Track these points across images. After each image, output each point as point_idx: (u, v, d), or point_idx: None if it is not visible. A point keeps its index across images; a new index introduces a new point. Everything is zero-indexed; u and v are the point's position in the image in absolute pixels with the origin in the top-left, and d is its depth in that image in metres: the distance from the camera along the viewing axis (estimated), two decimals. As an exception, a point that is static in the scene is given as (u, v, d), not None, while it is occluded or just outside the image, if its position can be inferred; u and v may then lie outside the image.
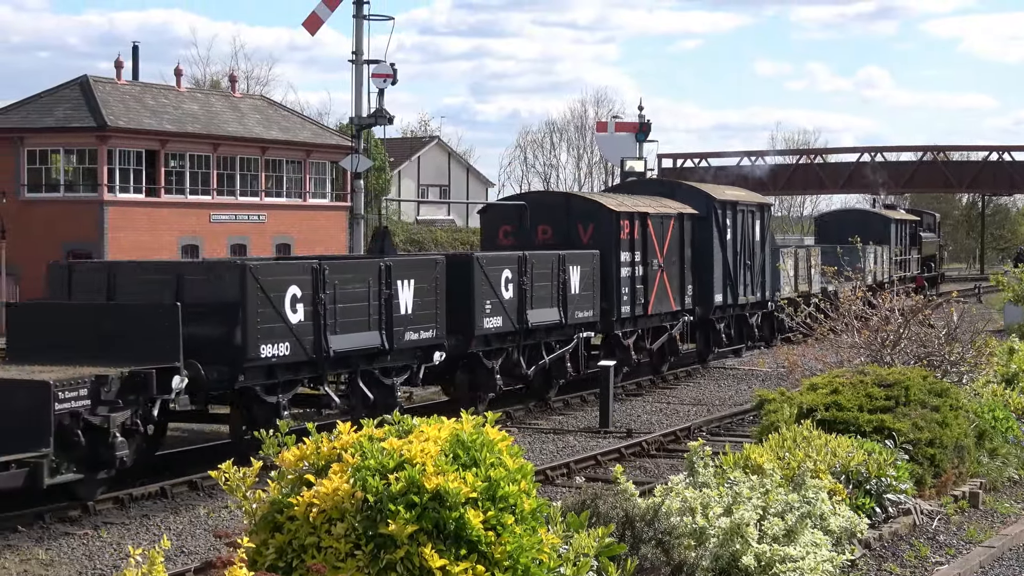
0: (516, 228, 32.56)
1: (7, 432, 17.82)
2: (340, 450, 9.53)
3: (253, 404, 22.01)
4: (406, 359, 25.20)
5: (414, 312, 24.86)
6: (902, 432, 17.46)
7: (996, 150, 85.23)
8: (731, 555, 12.52)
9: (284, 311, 21.95)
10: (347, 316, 23.30)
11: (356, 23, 44.59)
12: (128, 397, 19.34)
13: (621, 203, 33.02)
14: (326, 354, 22.92)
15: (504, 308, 27.64)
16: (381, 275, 24.14)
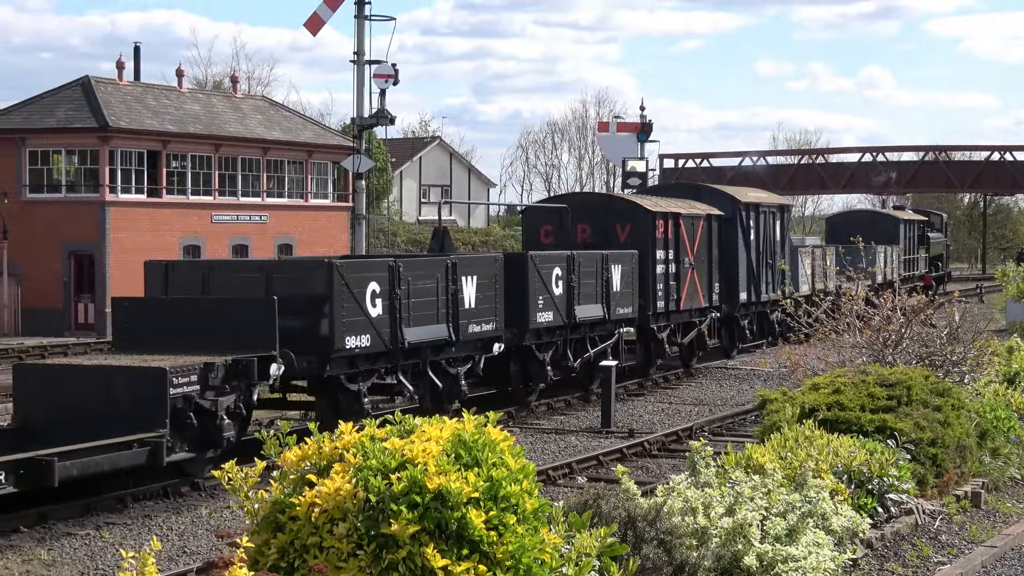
0: (557, 228, 34.20)
1: (129, 414, 19.57)
2: (342, 450, 9.53)
3: (338, 392, 23.62)
4: (469, 350, 26.82)
5: (476, 306, 26.58)
6: (904, 432, 17.46)
7: (998, 150, 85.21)
8: (733, 555, 12.52)
9: (365, 305, 23.63)
10: (419, 310, 25.01)
11: (357, 23, 44.63)
12: (232, 383, 21.08)
13: (656, 204, 34.72)
14: (401, 345, 24.55)
15: (555, 304, 29.16)
16: (448, 272, 25.83)
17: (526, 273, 28.15)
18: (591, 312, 30.44)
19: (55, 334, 49.97)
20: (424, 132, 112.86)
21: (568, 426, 27.44)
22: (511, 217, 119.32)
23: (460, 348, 26.38)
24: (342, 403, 23.48)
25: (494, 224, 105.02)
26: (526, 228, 36.06)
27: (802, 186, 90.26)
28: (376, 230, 70.76)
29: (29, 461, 17.87)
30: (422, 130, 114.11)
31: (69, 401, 20.22)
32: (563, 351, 29.93)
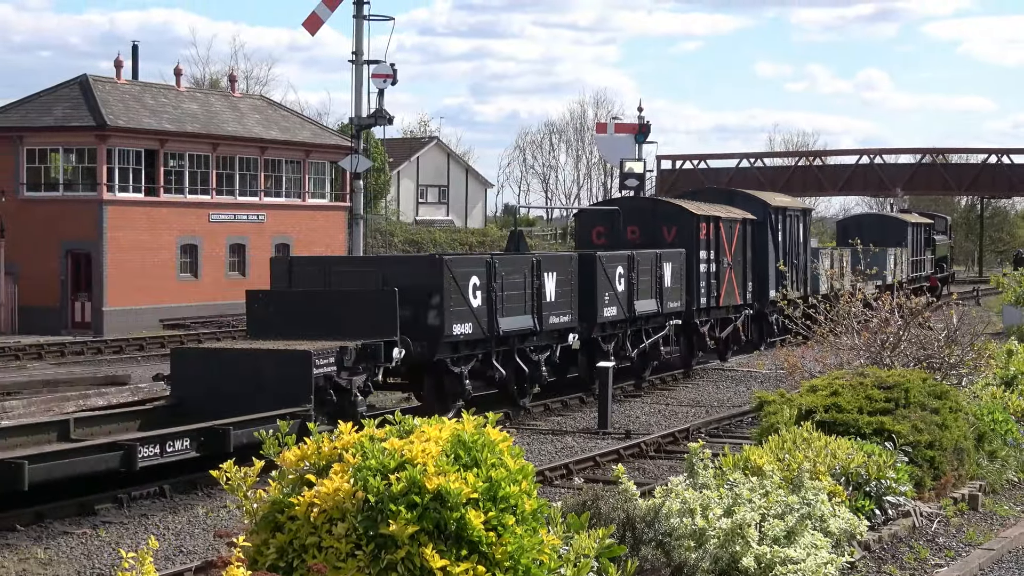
0: (608, 230, 36.62)
1: (277, 392, 22.07)
2: (341, 450, 9.52)
3: (444, 375, 26.44)
4: (549, 340, 29.44)
5: (556, 300, 29.27)
6: (902, 434, 17.46)
7: (995, 152, 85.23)
8: (731, 556, 12.52)
9: (468, 297, 26.44)
10: (510, 302, 27.73)
11: (356, 23, 44.64)
12: (362, 364, 23.77)
13: (699, 208, 37.18)
14: (496, 333, 27.33)
15: (618, 299, 31.73)
16: (533, 268, 28.56)
17: (595, 271, 30.67)
18: (647, 306, 33.00)
19: (52, 333, 49.95)
20: (422, 132, 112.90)
21: (565, 427, 27.43)
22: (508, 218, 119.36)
23: (542, 338, 29.05)
24: (447, 384, 26.48)
25: (491, 224, 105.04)
26: (579, 229, 39.12)
27: (799, 188, 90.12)
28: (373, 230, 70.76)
29: (209, 430, 20.30)
30: (420, 130, 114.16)
31: (221, 381, 22.71)
32: (623, 342, 32.42)
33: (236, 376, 22.66)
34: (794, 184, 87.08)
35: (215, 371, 23.06)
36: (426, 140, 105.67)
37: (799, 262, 42.66)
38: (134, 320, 52.28)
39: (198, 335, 48.86)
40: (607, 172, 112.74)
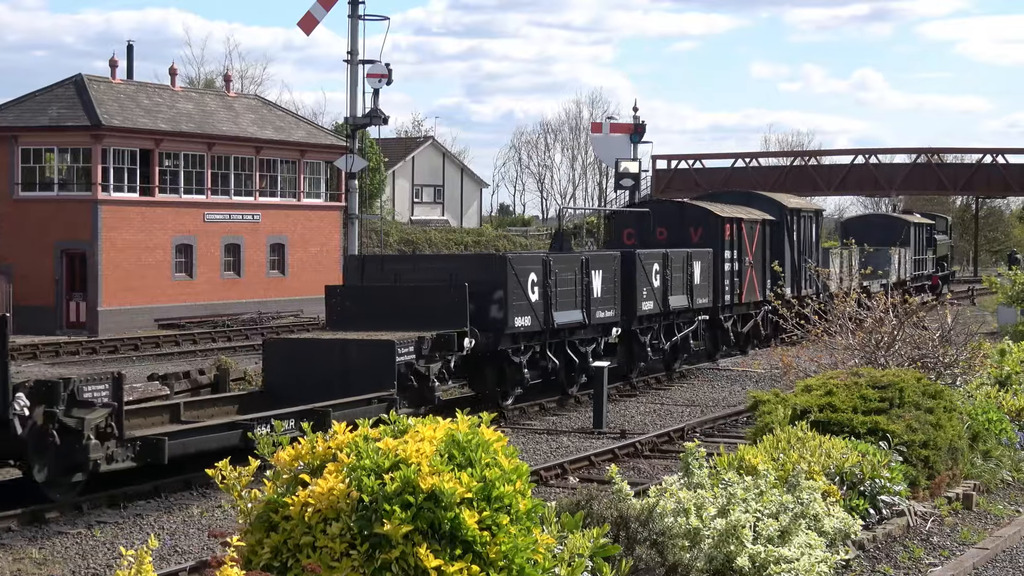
0: (638, 230, 39.29)
1: (363, 378, 24.03)
2: (335, 450, 9.52)
3: (505, 364, 28.53)
4: (595, 332, 31.52)
5: (602, 295, 31.45)
6: (896, 434, 17.48)
7: (990, 152, 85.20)
8: (726, 556, 12.53)
9: (528, 292, 28.56)
10: (563, 297, 29.82)
11: (351, 23, 44.66)
12: (437, 353, 25.91)
13: (723, 210, 39.61)
14: (551, 326, 29.48)
15: (655, 294, 34.12)
16: (582, 266, 30.75)
17: (635, 268, 32.99)
18: (679, 302, 35.41)
19: (47, 332, 49.84)
20: (417, 132, 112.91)
21: (560, 427, 27.44)
22: (504, 218, 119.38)
23: (589, 331, 31.21)
24: (508, 373, 28.61)
25: (487, 224, 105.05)
26: (610, 230, 42.10)
27: (794, 188, 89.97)
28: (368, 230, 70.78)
29: (311, 411, 21.92)
30: (415, 130, 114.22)
31: (309, 369, 24.71)
32: (658, 334, 34.77)
33: (324, 364, 24.75)
34: (789, 184, 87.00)
35: (303, 359, 25.14)
36: (421, 140, 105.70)
37: (812, 260, 44.57)
38: (129, 320, 52.23)
39: (193, 335, 48.84)
40: (602, 172, 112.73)
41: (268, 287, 59.50)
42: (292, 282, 60.65)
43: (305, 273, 60.54)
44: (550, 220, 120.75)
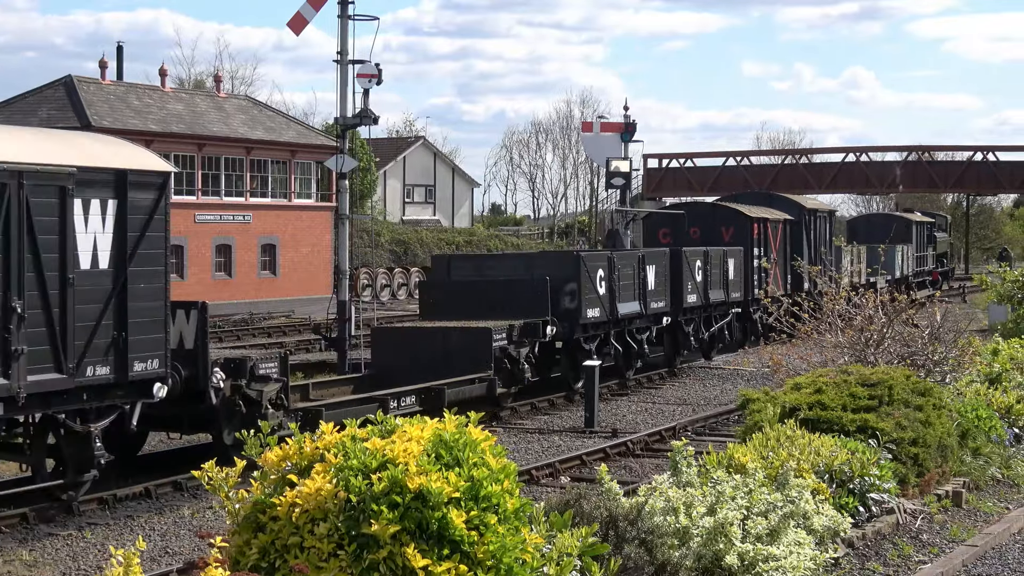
0: (672, 230, 42.90)
1: (463, 362, 27.19)
2: (323, 450, 9.52)
3: (576, 350, 31.11)
4: (649, 322, 34.75)
5: (655, 288, 34.78)
6: (885, 431, 17.50)
7: (981, 150, 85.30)
8: (714, 554, 12.54)
9: (597, 286, 31.68)
10: (624, 291, 33.03)
11: (341, 23, 44.54)
12: (525, 339, 29.05)
13: (751, 211, 43.08)
14: (615, 316, 32.62)
15: (697, 289, 37.24)
16: (639, 262, 34.12)
17: (681, 264, 36.20)
18: (718, 295, 38.45)
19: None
20: (408, 132, 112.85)
21: (552, 426, 27.46)
22: (495, 218, 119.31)
23: (644, 320, 34.42)
24: (579, 359, 30.62)
25: (478, 224, 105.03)
26: (646, 230, 45.01)
27: (785, 186, 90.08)
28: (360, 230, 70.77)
29: (428, 389, 25.68)
30: (406, 130, 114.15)
31: (414, 354, 27.70)
32: (699, 325, 37.72)
33: (427, 349, 27.82)
34: (780, 182, 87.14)
35: (408, 345, 28.18)
36: (412, 140, 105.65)
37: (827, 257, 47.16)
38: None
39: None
40: (594, 171, 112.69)
41: (259, 287, 59.50)
42: (283, 282, 60.65)
43: (296, 273, 60.57)
44: (542, 220, 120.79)
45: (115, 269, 18.36)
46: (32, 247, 17.13)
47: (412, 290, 67.55)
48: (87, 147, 19.07)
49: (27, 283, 17.08)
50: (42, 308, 17.30)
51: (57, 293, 17.48)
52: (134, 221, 18.59)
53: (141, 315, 18.72)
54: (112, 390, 18.66)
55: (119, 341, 18.43)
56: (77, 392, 18.09)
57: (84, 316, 17.89)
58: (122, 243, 18.45)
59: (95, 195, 18.09)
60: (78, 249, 17.79)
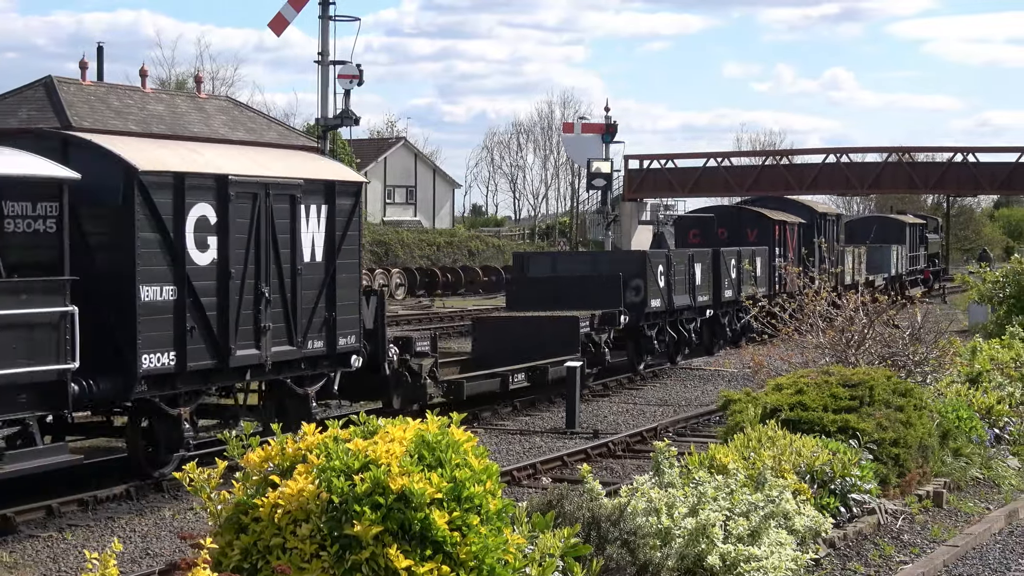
0: (701, 232, 48.26)
1: (556, 345, 30.72)
2: (305, 451, 9.52)
3: (640, 337, 35.87)
4: (695, 313, 38.98)
5: (700, 284, 39.15)
6: (866, 432, 17.53)
7: (960, 151, 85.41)
8: (696, 555, 12.55)
9: (658, 280, 36.31)
10: (679, 285, 37.72)
11: (322, 24, 44.56)
12: (603, 326, 33.23)
13: (773, 214, 48.37)
14: (672, 307, 37.29)
15: (732, 284, 41.53)
16: (689, 260, 38.71)
17: (719, 262, 40.61)
18: (748, 291, 41.24)
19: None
20: (389, 133, 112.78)
21: (533, 427, 27.45)
22: (476, 219, 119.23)
23: (692, 312, 38.75)
24: (642, 345, 36.02)
25: (459, 225, 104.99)
26: (678, 231, 51.45)
27: (766, 187, 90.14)
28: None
29: (535, 367, 29.74)
30: (387, 131, 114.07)
31: (510, 340, 31.22)
32: (732, 317, 41.68)
33: (522, 335, 31.34)
34: (761, 183, 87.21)
35: (506, 332, 31.84)
36: (393, 141, 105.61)
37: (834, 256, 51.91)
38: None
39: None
40: (575, 172, 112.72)
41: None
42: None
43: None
44: (523, 220, 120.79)
45: (326, 261, 22.43)
46: (273, 243, 21.20)
47: (393, 291, 67.50)
48: (307, 163, 23.99)
49: (271, 273, 21.14)
50: (279, 293, 21.40)
51: (290, 281, 21.56)
52: (339, 222, 22.67)
53: (344, 299, 22.84)
54: (322, 360, 22.82)
55: (329, 320, 22.50)
56: (300, 362, 22.27)
57: (307, 300, 21.98)
58: (331, 240, 22.53)
59: (313, 202, 22.17)
60: (302, 245, 21.89)
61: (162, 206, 19.40)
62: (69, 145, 19.82)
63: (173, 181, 19.57)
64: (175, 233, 19.55)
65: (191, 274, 19.73)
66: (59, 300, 17.66)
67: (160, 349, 19.28)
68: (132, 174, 19.02)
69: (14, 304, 17.10)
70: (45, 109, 52.85)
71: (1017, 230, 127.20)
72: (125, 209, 19.01)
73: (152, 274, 19.20)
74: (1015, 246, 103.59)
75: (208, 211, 20.10)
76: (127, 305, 18.94)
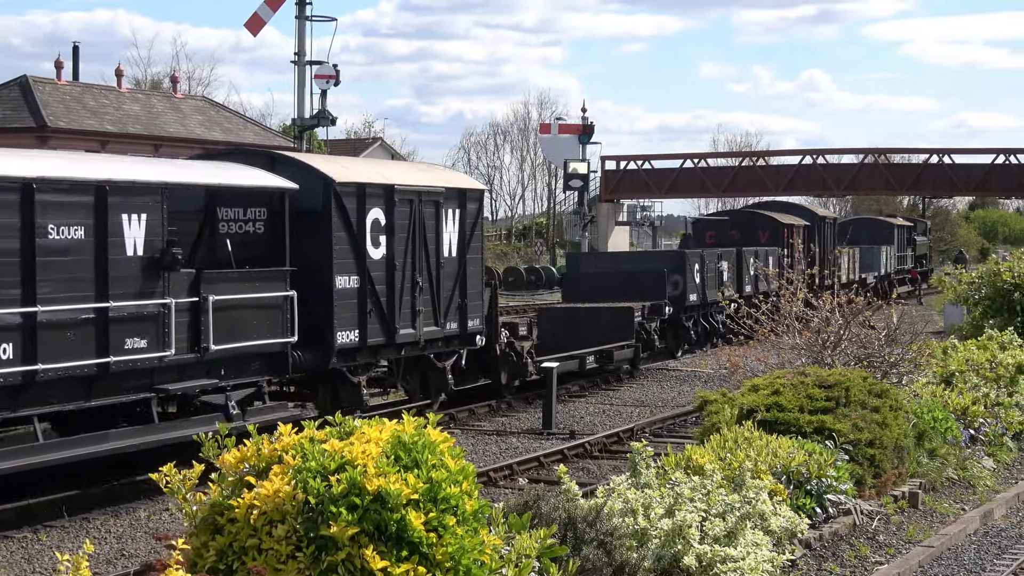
0: (716, 233, 52.42)
1: (613, 332, 34.43)
2: (281, 452, 9.50)
3: (679, 328, 40.39)
4: (721, 308, 39.93)
5: (727, 279, 43.29)
6: (842, 433, 17.57)
7: (936, 153, 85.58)
8: (673, 556, 12.56)
9: (694, 277, 40.76)
10: (710, 281, 42.09)
11: (298, 24, 44.52)
12: (652, 316, 37.23)
13: (782, 217, 52.86)
14: (706, 300, 41.60)
15: (752, 281, 45.10)
16: (718, 258, 43.24)
17: (742, 261, 44.85)
18: (764, 287, 44.33)
19: None
20: (366, 133, 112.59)
21: (509, 427, 27.43)
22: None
23: (719, 306, 40.45)
24: (680, 335, 40.40)
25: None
26: (695, 233, 54.50)
27: (743, 188, 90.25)
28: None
29: (602, 351, 33.36)
30: (364, 131, 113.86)
31: (571, 327, 34.26)
32: None
33: (583, 324, 34.60)
34: (738, 184, 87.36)
35: (568, 321, 34.98)
36: (370, 141, 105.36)
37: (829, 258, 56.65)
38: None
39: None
40: (551, 173, 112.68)
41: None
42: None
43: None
44: (499, 221, 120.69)
45: (459, 256, 26.83)
46: (424, 241, 25.64)
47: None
48: (444, 175, 29.06)
49: (422, 266, 25.56)
50: (428, 282, 25.83)
51: (435, 272, 26.00)
52: (468, 223, 27.11)
53: (471, 288, 27.25)
54: (455, 339, 27.23)
55: (462, 306, 26.95)
56: (441, 340, 26.74)
57: (446, 288, 26.42)
58: (462, 238, 26.94)
59: (450, 206, 26.52)
60: (443, 243, 26.26)
61: (350, 211, 23.73)
62: (275, 161, 24.10)
63: (356, 190, 23.92)
64: (358, 233, 23.92)
65: (369, 267, 24.18)
66: (282, 286, 21.98)
67: (348, 328, 23.81)
68: (330, 184, 23.35)
69: (251, 290, 21.37)
70: (20, 108, 52.68)
71: (992, 231, 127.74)
72: (324, 213, 23.30)
73: (343, 266, 23.62)
74: (990, 247, 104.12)
75: (380, 215, 24.44)
76: (326, 292, 23.32)
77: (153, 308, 19.50)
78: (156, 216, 19.56)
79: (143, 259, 19.33)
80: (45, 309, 17.73)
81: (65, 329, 18.13)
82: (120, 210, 18.95)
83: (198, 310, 20.22)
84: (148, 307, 19.41)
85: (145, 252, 19.33)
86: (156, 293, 19.58)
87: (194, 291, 20.22)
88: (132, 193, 19.20)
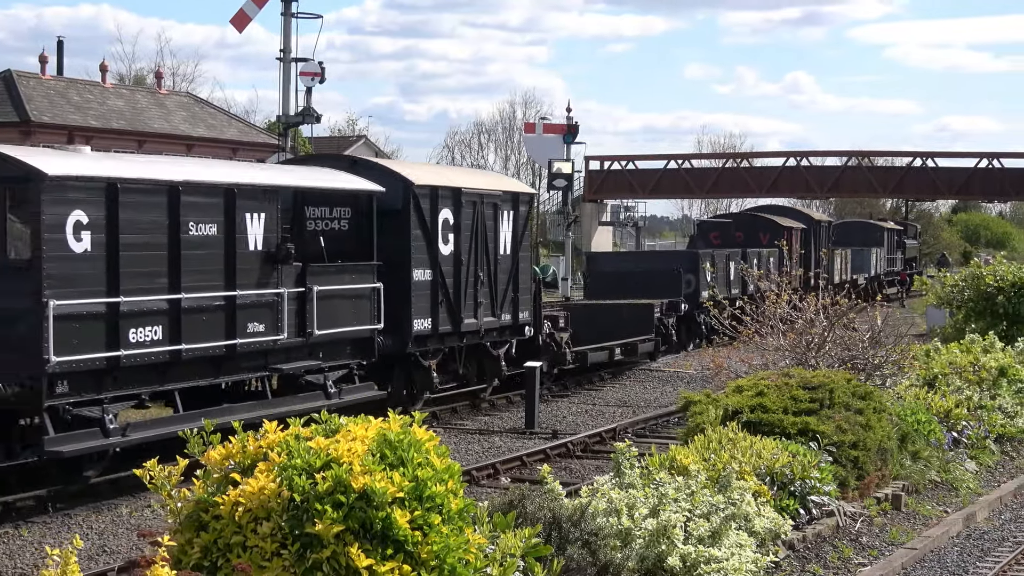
0: (720, 235, 54.56)
1: (635, 327, 36.78)
2: (266, 449, 9.47)
3: (692, 323, 42.39)
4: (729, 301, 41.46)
5: (734, 279, 45.30)
6: (826, 434, 17.59)
7: (920, 156, 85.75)
8: (657, 556, 12.56)
9: (707, 275, 42.70)
10: (720, 279, 43.86)
11: (284, 21, 44.40)
12: (669, 312, 39.92)
13: (783, 220, 55.67)
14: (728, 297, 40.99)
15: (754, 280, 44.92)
16: (727, 258, 45.60)
17: (747, 260, 46.22)
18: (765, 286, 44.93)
19: None
20: (351, 131, 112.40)
21: (492, 427, 27.42)
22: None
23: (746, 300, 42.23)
24: (692, 330, 42.46)
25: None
26: (701, 234, 57.16)
27: (727, 189, 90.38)
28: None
29: (626, 344, 35.67)
30: (349, 129, 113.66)
31: (596, 322, 36.22)
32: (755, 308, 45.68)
33: (605, 319, 36.68)
34: (721, 185, 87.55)
35: (593, 316, 36.78)
36: (354, 139, 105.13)
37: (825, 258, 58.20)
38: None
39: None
40: (535, 172, 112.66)
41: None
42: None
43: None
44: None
45: (512, 254, 29.35)
46: (484, 240, 28.21)
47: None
48: (500, 179, 33.59)
49: (482, 261, 28.10)
50: (487, 277, 28.38)
51: (493, 268, 28.53)
52: (520, 224, 29.73)
53: (522, 283, 29.83)
54: (508, 330, 29.72)
55: (514, 299, 29.50)
56: (496, 330, 29.28)
57: (501, 282, 28.95)
58: (515, 238, 29.51)
59: (505, 208, 29.16)
60: (499, 241, 28.84)
61: (424, 211, 26.28)
62: (356, 165, 27.13)
63: (430, 192, 26.54)
64: (431, 231, 26.47)
65: (440, 261, 26.71)
66: (371, 279, 24.72)
67: (423, 317, 26.36)
68: (409, 187, 25.93)
69: (346, 281, 24.01)
70: (4, 103, 52.54)
71: (975, 235, 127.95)
72: (404, 213, 25.77)
73: (419, 261, 26.16)
74: (973, 251, 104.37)
75: (449, 215, 27.06)
76: (404, 284, 25.75)
77: (269, 297, 22.10)
78: (272, 215, 22.18)
79: (262, 253, 21.89)
80: (188, 296, 20.23)
81: (201, 314, 20.59)
82: (244, 210, 21.47)
83: (304, 299, 22.81)
84: (266, 296, 22.02)
85: (263, 247, 21.90)
86: (271, 283, 22.15)
87: (301, 282, 22.77)
88: (253, 195, 21.75)
